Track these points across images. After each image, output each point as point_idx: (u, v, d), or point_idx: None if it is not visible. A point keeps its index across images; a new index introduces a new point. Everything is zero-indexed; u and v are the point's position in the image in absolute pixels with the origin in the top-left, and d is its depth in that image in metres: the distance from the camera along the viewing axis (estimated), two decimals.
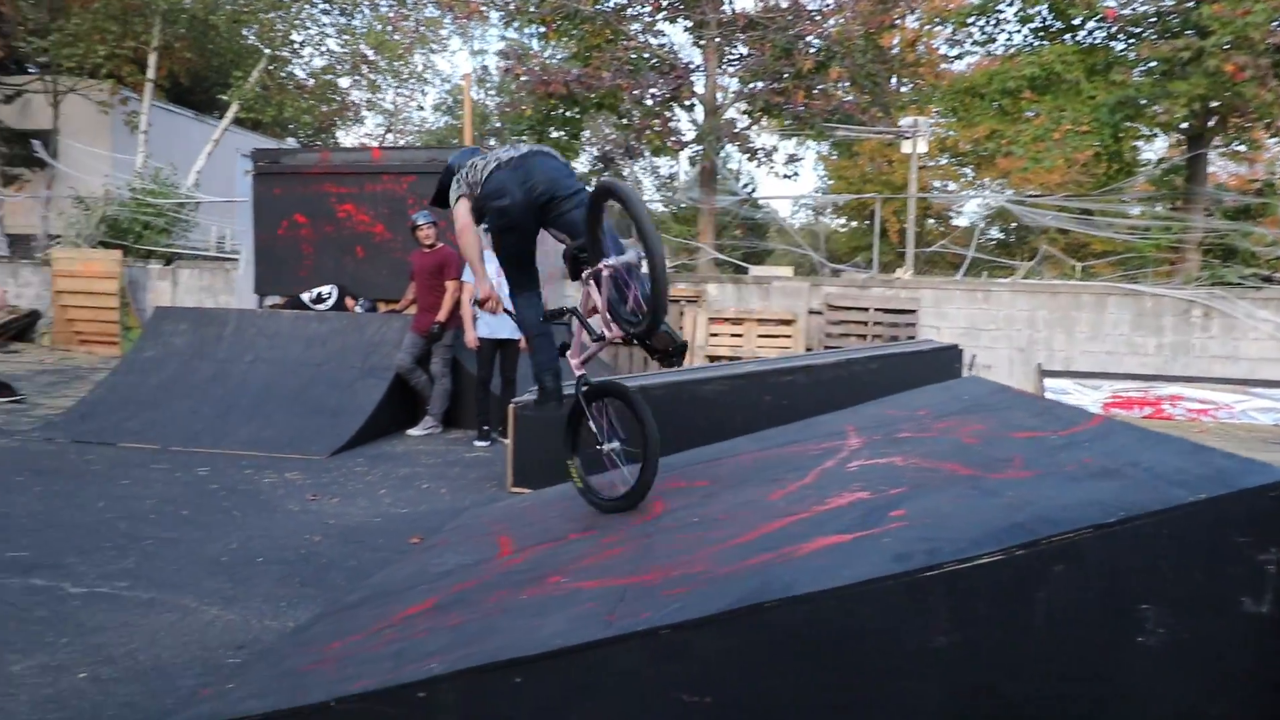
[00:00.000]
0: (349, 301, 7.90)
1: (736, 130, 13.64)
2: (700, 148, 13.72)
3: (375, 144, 19.70)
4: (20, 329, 12.39)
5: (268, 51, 15.42)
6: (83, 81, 15.43)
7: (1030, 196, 13.72)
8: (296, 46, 16.69)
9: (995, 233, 22.08)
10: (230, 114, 15.47)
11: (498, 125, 16.31)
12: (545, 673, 2.03)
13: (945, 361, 5.40)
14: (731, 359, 9.23)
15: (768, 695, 1.90)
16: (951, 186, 22.19)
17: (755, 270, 12.73)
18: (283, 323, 7.29)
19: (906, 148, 13.57)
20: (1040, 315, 9.65)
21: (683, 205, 19.89)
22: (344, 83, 17.75)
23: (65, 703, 2.41)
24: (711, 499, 3.12)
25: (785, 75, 12.72)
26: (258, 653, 2.76)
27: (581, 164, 16.60)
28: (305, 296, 7.90)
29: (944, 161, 20.56)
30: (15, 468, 5.21)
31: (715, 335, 9.88)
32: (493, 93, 18.44)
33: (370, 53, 16.24)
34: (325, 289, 7.92)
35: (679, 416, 4.78)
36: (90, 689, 2.50)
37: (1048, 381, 9.32)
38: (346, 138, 22.66)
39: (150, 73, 15.29)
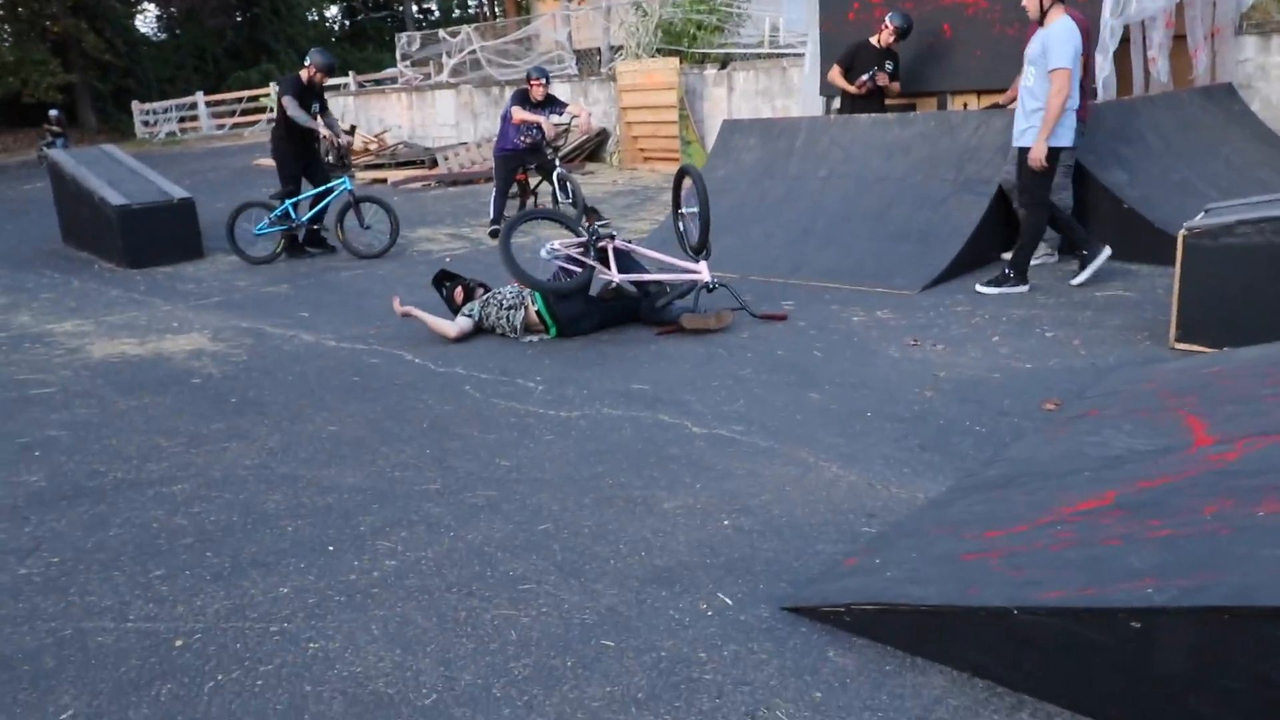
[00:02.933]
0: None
1: None
2: None
3: None
4: (593, 149, 14.97)
5: None
6: None
7: None
8: None
9: None
10: None
11: None
12: None
13: None
14: None
15: None
16: None
17: None
18: (859, 130, 7.44)
19: None
20: None
21: None
22: None
23: (717, 549, 2.90)
24: None
25: None
26: (893, 524, 2.96)
27: None
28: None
29: None
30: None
31: None
32: None
33: None
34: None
35: None
36: (736, 539, 2.96)
37: None
38: None
39: None
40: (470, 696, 2.23)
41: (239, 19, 35.66)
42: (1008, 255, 6.55)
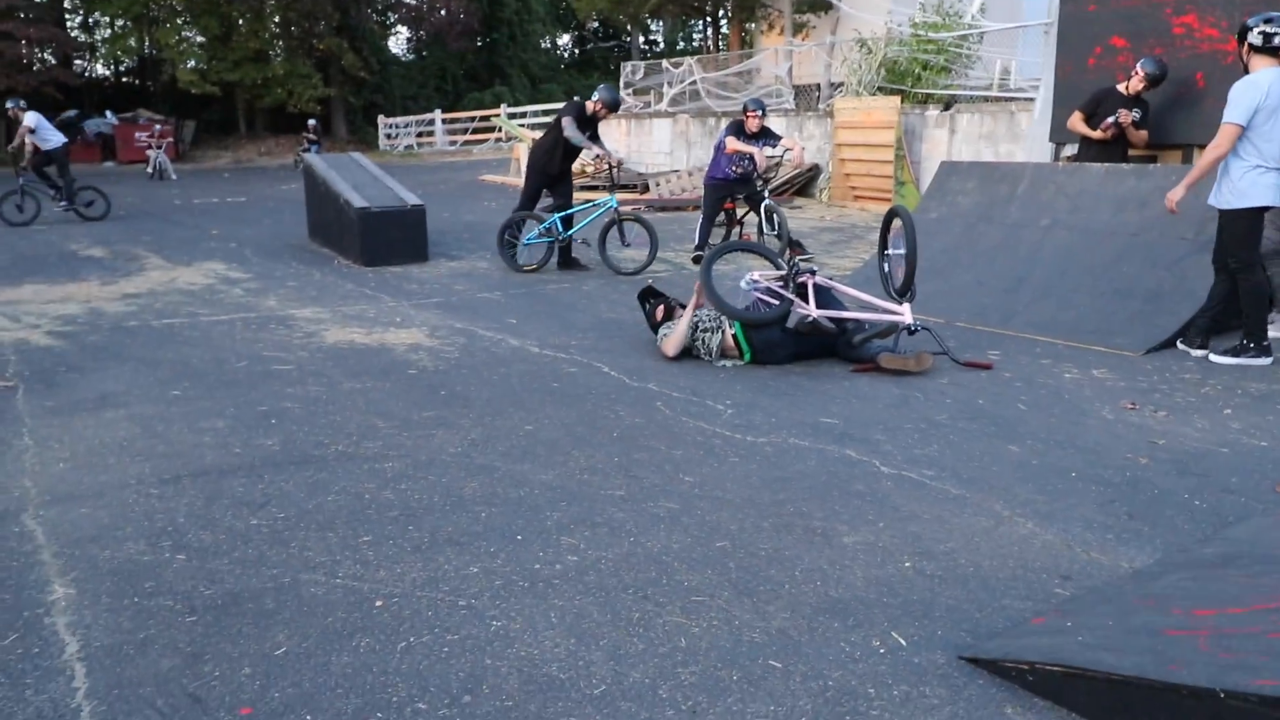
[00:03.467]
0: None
1: None
2: None
3: None
4: (803, 183, 14.95)
5: None
6: None
7: None
8: None
9: None
10: None
11: None
12: None
13: None
14: None
15: None
16: None
17: None
18: (1089, 179, 7.09)
19: None
20: None
21: None
22: None
23: (895, 589, 2.84)
24: None
25: None
26: (1090, 589, 2.81)
27: None
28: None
29: None
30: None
31: None
32: None
33: None
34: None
35: None
36: (917, 581, 2.89)
37: None
38: None
39: None
40: (637, 693, 2.30)
41: (480, 43, 38.08)
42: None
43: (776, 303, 5.57)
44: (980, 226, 7.51)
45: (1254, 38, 5.19)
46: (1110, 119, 7.28)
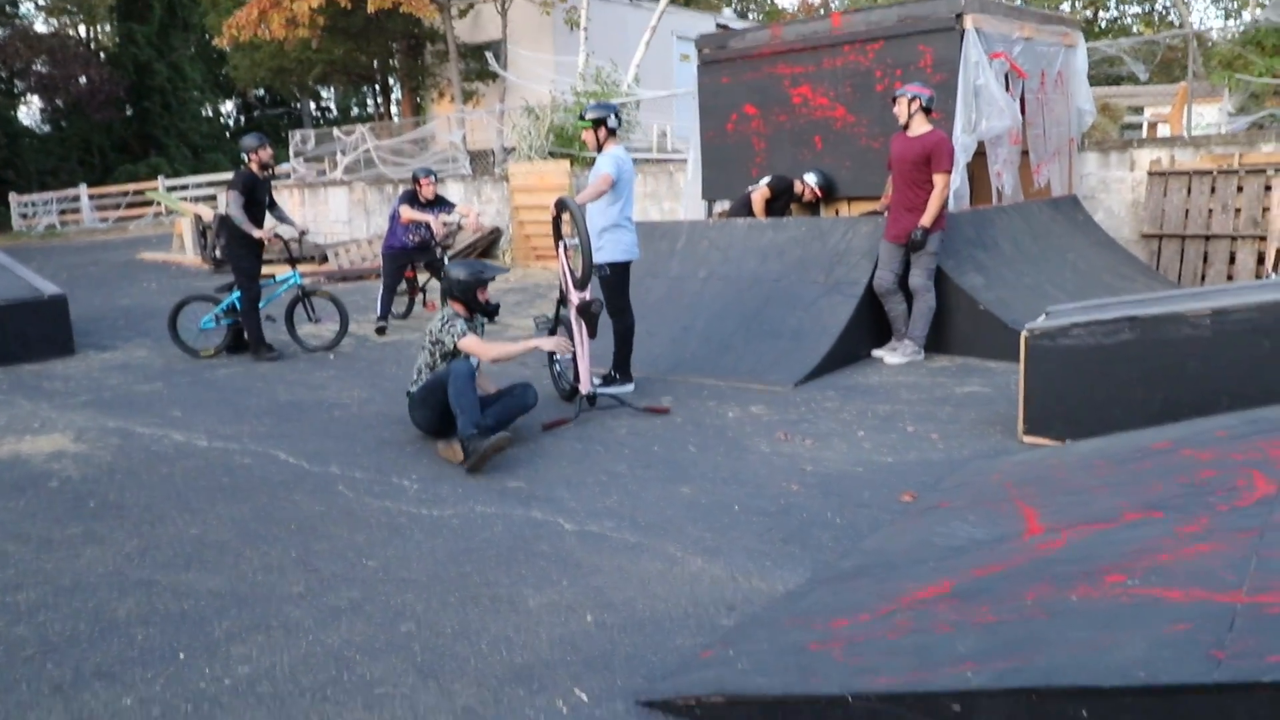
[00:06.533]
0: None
1: None
2: None
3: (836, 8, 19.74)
4: (486, 246, 15.13)
5: None
6: None
7: None
8: None
9: None
10: None
11: None
12: (1122, 711, 1.89)
13: None
14: None
15: None
16: None
17: None
18: (735, 233, 7.78)
19: None
20: None
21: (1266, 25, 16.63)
22: None
23: (578, 646, 2.92)
24: None
25: None
26: (751, 616, 3.04)
27: None
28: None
29: None
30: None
31: None
32: None
33: None
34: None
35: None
36: (598, 635, 2.99)
37: None
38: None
39: None
40: None
41: (128, 113, 35.08)
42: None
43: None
44: (647, 281, 7.97)
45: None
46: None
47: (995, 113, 7.41)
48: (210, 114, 41.78)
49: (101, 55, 33.96)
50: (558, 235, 6.25)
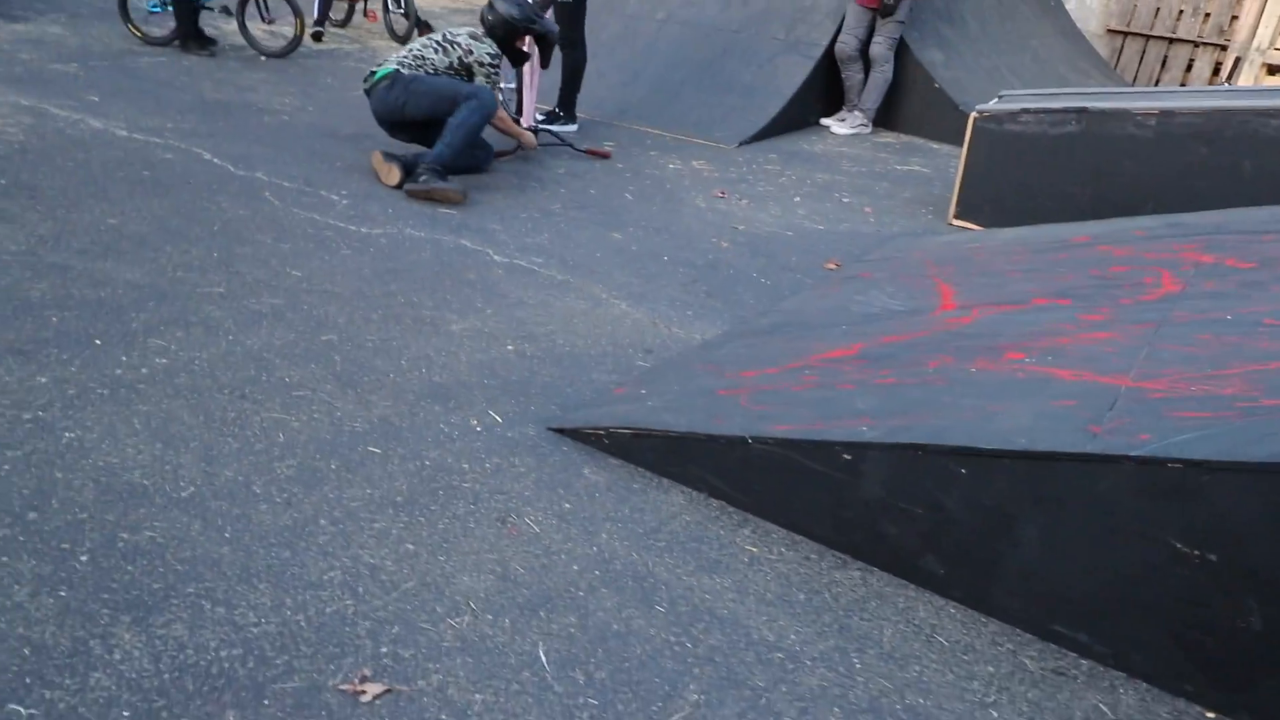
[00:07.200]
0: None
1: None
2: None
3: None
4: None
5: None
6: None
7: None
8: None
9: None
10: None
11: None
12: (998, 472, 2.02)
13: None
14: None
15: None
16: None
17: None
18: None
19: None
20: None
21: None
22: None
23: (497, 371, 2.98)
24: (1257, 291, 2.70)
25: None
26: (666, 360, 3.12)
27: None
28: None
29: None
30: None
31: None
32: None
33: None
34: None
35: (1224, 153, 4.09)
36: (517, 363, 3.05)
37: None
38: None
39: None
40: (229, 491, 2.26)
41: None
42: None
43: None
44: (602, 17, 7.52)
45: None
46: None
47: None
48: None
49: None
50: None
